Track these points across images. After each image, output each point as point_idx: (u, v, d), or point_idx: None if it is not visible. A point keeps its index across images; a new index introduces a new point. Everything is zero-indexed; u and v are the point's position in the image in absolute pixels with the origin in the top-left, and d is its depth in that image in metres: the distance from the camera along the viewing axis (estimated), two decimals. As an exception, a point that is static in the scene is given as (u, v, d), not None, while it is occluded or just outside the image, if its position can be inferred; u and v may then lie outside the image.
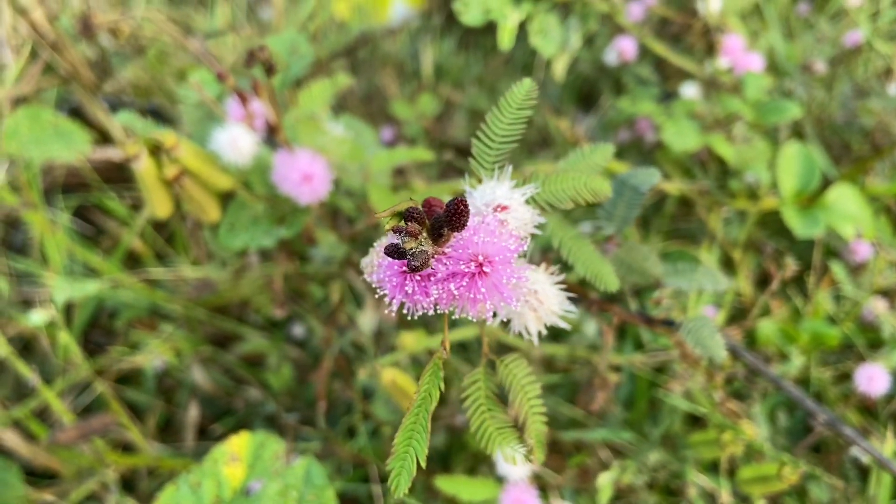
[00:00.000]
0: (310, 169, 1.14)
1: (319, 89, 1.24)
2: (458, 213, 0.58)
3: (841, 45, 2.08)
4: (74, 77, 1.83)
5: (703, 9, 1.73)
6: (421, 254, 0.59)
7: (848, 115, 2.07)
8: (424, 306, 0.64)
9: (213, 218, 1.26)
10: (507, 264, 0.62)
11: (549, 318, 0.75)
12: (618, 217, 0.95)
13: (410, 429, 0.64)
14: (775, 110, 1.68)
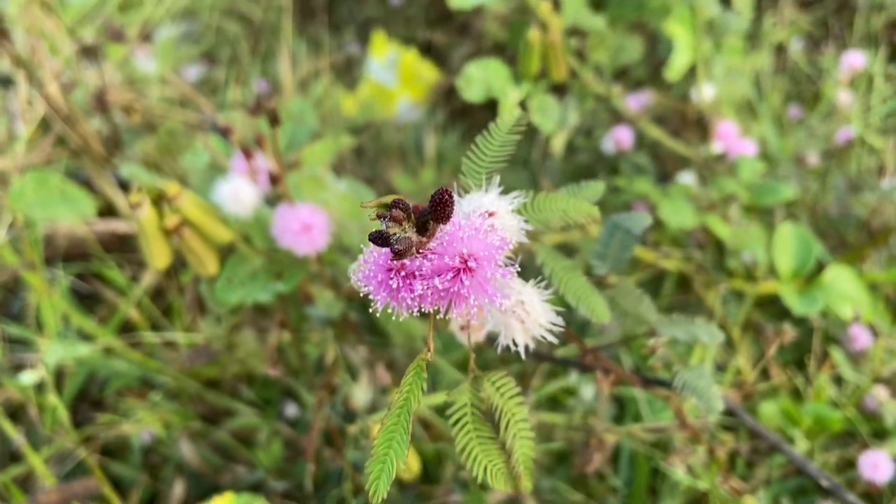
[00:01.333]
0: (310, 219, 1.16)
1: (323, 147, 1.27)
2: (443, 203, 0.58)
3: (833, 140, 2.14)
4: (85, 150, 1.89)
5: (696, 96, 1.80)
6: (404, 240, 0.59)
7: (842, 209, 2.10)
8: (409, 304, 0.64)
9: (212, 271, 1.26)
10: (493, 261, 0.62)
11: (536, 331, 0.74)
12: (610, 258, 0.95)
13: (391, 430, 0.62)
14: (770, 192, 1.72)
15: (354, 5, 3.11)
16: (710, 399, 0.95)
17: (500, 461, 0.71)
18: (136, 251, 1.98)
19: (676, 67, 1.84)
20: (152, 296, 1.91)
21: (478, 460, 0.70)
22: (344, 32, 3.03)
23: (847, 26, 2.56)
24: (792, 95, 2.48)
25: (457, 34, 2.89)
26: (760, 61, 2.27)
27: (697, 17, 1.79)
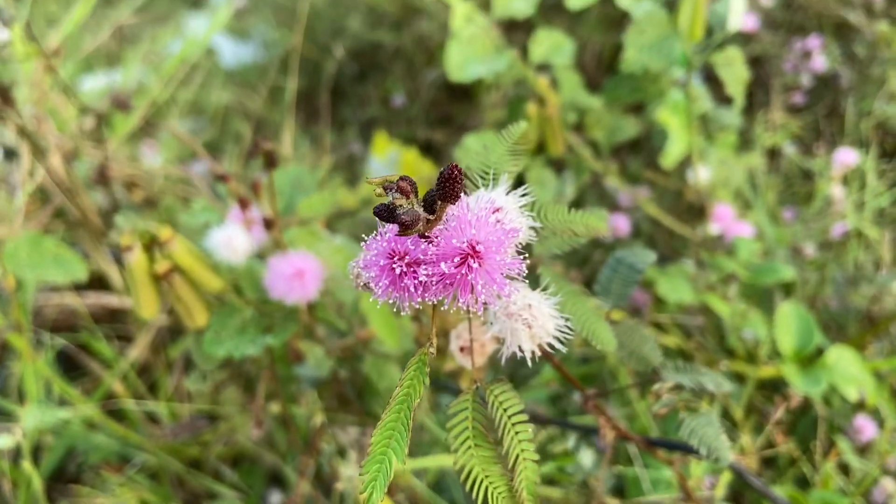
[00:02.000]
0: (303, 265, 1.14)
1: (320, 200, 1.27)
2: (452, 180, 0.56)
3: (829, 233, 2.15)
4: (83, 223, 1.89)
5: (692, 178, 1.82)
6: (411, 212, 0.56)
7: (841, 302, 2.08)
8: (411, 293, 0.60)
9: (200, 323, 1.23)
10: (502, 248, 0.59)
11: (544, 337, 0.71)
12: (614, 293, 0.93)
13: (390, 428, 0.57)
14: (769, 272, 1.71)
15: (357, 106, 3.21)
16: (718, 448, 0.90)
17: (503, 484, 0.66)
18: (126, 322, 1.94)
19: (671, 156, 1.88)
20: (139, 371, 1.85)
21: (479, 481, 0.64)
22: (347, 131, 3.11)
23: (837, 131, 2.63)
24: (786, 196, 2.52)
25: (456, 133, 2.97)
26: (753, 161, 2.32)
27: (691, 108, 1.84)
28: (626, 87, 1.74)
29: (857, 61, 2.68)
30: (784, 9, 2.89)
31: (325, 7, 3.23)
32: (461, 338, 0.78)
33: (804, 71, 2.65)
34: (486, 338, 0.77)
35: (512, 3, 1.60)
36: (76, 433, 1.59)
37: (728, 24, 1.71)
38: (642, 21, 1.62)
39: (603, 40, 2.59)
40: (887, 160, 2.37)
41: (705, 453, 0.89)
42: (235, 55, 3.59)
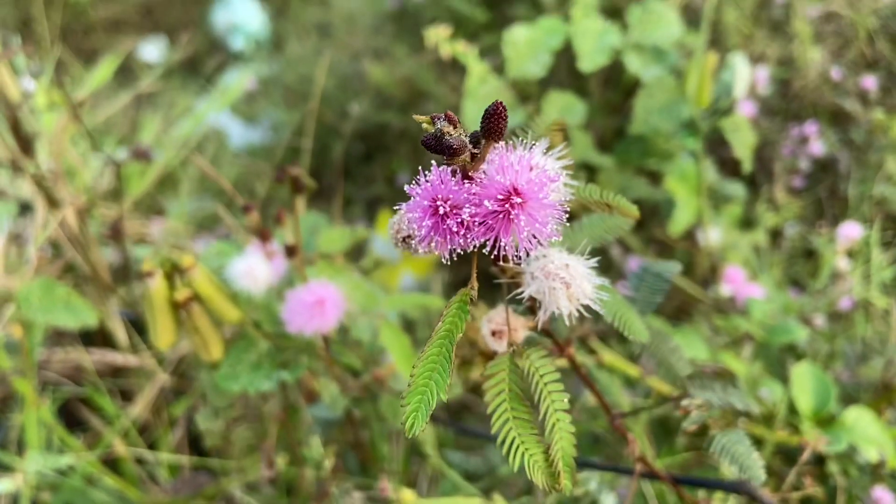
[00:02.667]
0: (323, 293, 1.13)
1: (339, 235, 1.27)
2: (497, 116, 0.57)
3: (836, 304, 2.15)
4: (92, 279, 1.88)
5: (703, 239, 1.83)
6: (458, 139, 0.57)
7: (853, 376, 2.06)
8: (453, 235, 0.60)
9: (215, 356, 1.20)
10: (543, 190, 0.59)
11: (581, 298, 0.69)
12: (640, 301, 0.92)
13: (433, 361, 0.57)
14: (783, 331, 1.70)
15: (363, 185, 3.26)
16: (751, 467, 0.88)
17: (539, 452, 0.63)
18: (129, 377, 1.90)
19: (679, 223, 1.90)
20: (140, 428, 1.80)
21: (516, 447, 0.62)
22: (352, 209, 3.15)
23: (840, 211, 2.68)
24: (790, 273, 2.53)
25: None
26: (758, 237, 2.35)
27: (699, 170, 1.87)
28: (637, 148, 1.78)
29: (855, 147, 2.75)
30: (780, 97, 2.99)
31: (334, 90, 3.33)
32: (493, 321, 0.77)
33: (802, 155, 2.71)
34: (518, 323, 0.75)
35: (525, 66, 1.66)
36: (74, 488, 1.53)
37: (734, 92, 1.77)
38: (652, 86, 1.68)
39: (614, 101, 2.66)
40: (891, 234, 2.40)
41: (737, 471, 0.87)
42: (244, 137, 3.67)
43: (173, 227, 2.39)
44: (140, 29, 5.12)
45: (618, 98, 2.64)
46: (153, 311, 1.15)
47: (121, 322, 1.90)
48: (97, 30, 5.01)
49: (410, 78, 3.09)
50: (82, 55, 4.38)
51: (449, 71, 3.05)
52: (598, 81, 2.63)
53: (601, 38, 1.63)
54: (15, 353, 1.60)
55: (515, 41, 1.68)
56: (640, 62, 1.64)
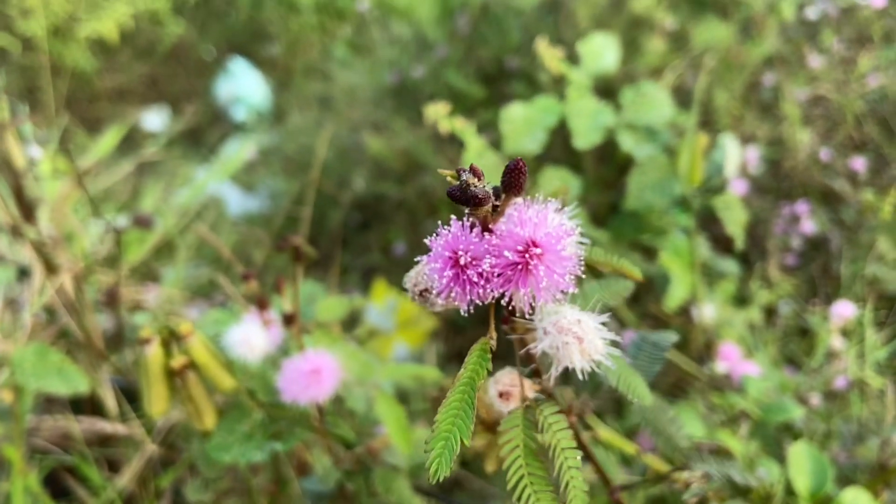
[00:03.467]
0: (320, 362, 1.12)
1: (337, 303, 1.27)
2: (518, 171, 0.59)
3: (832, 384, 2.14)
4: (85, 345, 1.87)
5: (697, 315, 1.84)
6: (483, 189, 0.59)
7: (849, 456, 2.05)
8: (473, 286, 0.63)
9: (208, 425, 1.19)
10: (562, 242, 0.62)
11: (594, 353, 0.70)
12: (639, 370, 0.92)
13: (456, 406, 0.58)
14: (780, 410, 1.69)
15: (359, 254, 3.28)
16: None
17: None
18: (117, 446, 1.87)
19: (674, 298, 1.92)
20: (125, 500, 1.76)
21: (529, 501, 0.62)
22: (348, 278, 3.16)
23: (833, 290, 2.69)
24: (784, 351, 2.53)
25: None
26: (752, 315, 2.36)
27: (693, 246, 1.90)
28: (631, 223, 1.81)
29: (845, 226, 2.79)
30: (771, 177, 3.05)
31: (334, 160, 3.39)
32: (499, 383, 0.77)
33: (794, 234, 2.75)
34: (525, 385, 0.76)
35: (521, 142, 1.70)
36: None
37: (724, 171, 1.81)
38: (645, 163, 1.72)
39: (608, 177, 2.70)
40: (885, 314, 2.41)
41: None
42: (242, 205, 3.71)
43: (168, 294, 2.39)
44: (144, 99, 5.23)
45: (611, 174, 2.69)
46: (148, 379, 1.14)
47: (111, 390, 1.88)
48: (102, 99, 5.11)
49: (408, 150, 3.15)
50: (86, 123, 4.47)
51: (446, 144, 3.11)
52: (593, 158, 2.68)
53: (595, 117, 1.68)
54: (4, 419, 1.58)
55: (512, 118, 1.73)
56: (634, 141, 1.69)
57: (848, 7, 3.02)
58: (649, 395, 0.77)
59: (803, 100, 2.95)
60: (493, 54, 3.12)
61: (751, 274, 2.54)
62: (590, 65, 1.78)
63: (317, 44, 5.16)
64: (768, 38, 3.04)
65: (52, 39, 4.62)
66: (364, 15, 4.15)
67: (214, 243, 1.57)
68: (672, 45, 3.07)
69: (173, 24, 5.15)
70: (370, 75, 3.72)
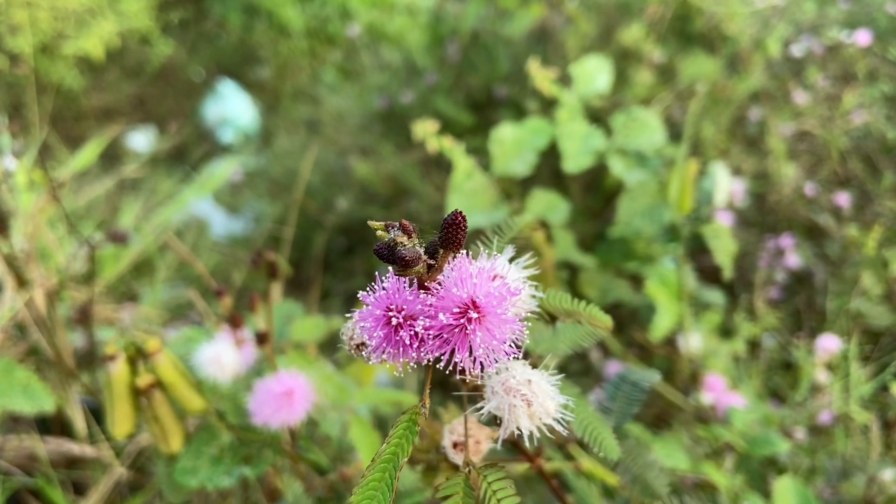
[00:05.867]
0: (293, 384, 1.08)
1: (313, 324, 1.23)
2: (456, 226, 0.54)
3: (816, 418, 2.12)
4: (55, 363, 1.81)
5: (683, 345, 1.81)
6: (413, 250, 0.55)
7: (834, 492, 2.01)
8: (406, 348, 0.57)
9: (174, 448, 1.14)
10: (504, 305, 0.56)
11: (543, 417, 0.65)
12: (616, 412, 0.89)
13: (373, 487, 0.52)
14: (765, 443, 1.66)
15: (343, 278, 3.24)
16: None
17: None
18: (84, 469, 1.80)
19: (659, 328, 1.89)
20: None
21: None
22: (331, 302, 3.11)
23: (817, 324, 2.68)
24: (769, 385, 2.51)
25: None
26: (737, 347, 2.33)
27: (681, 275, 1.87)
28: (618, 250, 1.78)
29: (829, 261, 2.78)
30: (756, 210, 3.05)
31: (320, 184, 3.36)
32: (455, 433, 0.72)
33: (779, 267, 2.73)
34: (482, 434, 0.72)
35: (510, 164, 1.68)
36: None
37: (714, 200, 1.79)
38: (635, 189, 1.70)
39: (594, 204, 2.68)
40: (870, 348, 2.39)
41: None
42: (226, 227, 3.66)
43: (145, 312, 2.34)
44: (131, 118, 5.19)
45: (598, 204, 2.67)
46: (112, 397, 1.09)
47: (80, 410, 1.82)
48: (88, 117, 5.07)
49: (395, 175, 3.13)
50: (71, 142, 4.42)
51: (433, 169, 3.09)
52: (579, 187, 2.67)
53: (586, 140, 1.66)
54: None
55: (502, 139, 1.70)
56: (624, 166, 1.67)
57: (833, 45, 3.04)
58: (617, 449, 0.73)
59: (788, 135, 2.96)
60: (482, 82, 3.12)
61: (735, 306, 2.52)
62: (582, 87, 1.77)
63: (306, 68, 5.15)
64: (754, 73, 3.06)
65: (39, 56, 4.59)
66: (354, 40, 4.15)
67: (189, 259, 1.53)
68: (659, 78, 3.08)
69: (162, 45, 5.14)
70: (359, 100, 3.71)
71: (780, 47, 3.00)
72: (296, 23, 5.01)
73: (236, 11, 5.20)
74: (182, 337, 1.39)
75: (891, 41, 2.95)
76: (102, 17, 4.72)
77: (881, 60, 2.97)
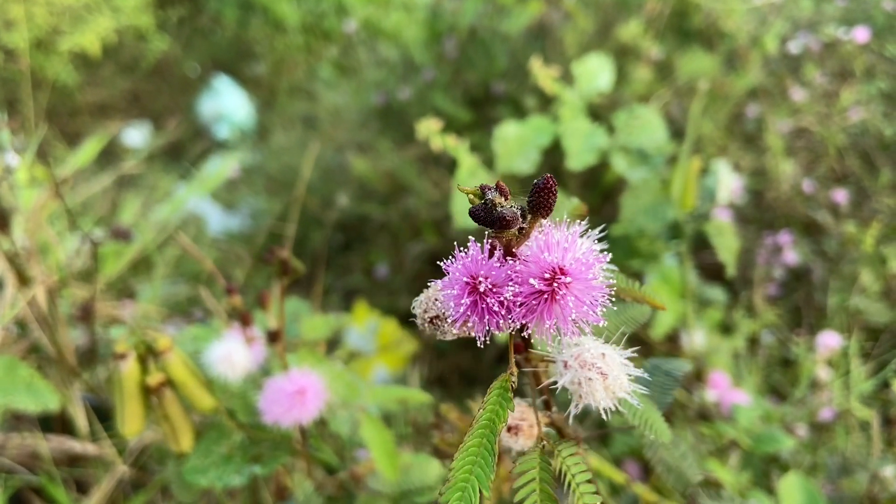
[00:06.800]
0: (305, 382, 1.08)
1: (323, 322, 1.23)
2: (547, 190, 0.54)
3: (817, 415, 2.12)
4: (57, 361, 1.80)
5: (687, 342, 1.82)
6: (511, 210, 0.54)
7: (835, 489, 2.02)
8: (493, 315, 0.57)
9: (185, 447, 1.14)
10: (590, 271, 0.56)
11: (618, 391, 0.65)
12: (651, 400, 0.89)
13: (473, 453, 0.52)
14: (770, 440, 1.66)
15: (341, 275, 3.23)
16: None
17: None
18: (87, 467, 1.79)
19: (661, 327, 1.89)
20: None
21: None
22: (329, 299, 3.10)
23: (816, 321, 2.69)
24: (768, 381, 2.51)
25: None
26: (737, 343, 2.34)
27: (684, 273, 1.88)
28: (621, 248, 1.78)
29: (828, 258, 2.79)
30: (754, 207, 3.05)
31: (318, 180, 3.35)
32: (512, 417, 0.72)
33: (777, 264, 2.74)
34: (532, 417, 0.71)
35: (514, 162, 1.67)
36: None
37: (717, 197, 1.80)
38: (638, 187, 1.70)
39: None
40: (871, 344, 2.40)
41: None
42: (223, 223, 3.65)
43: (145, 310, 2.33)
44: (126, 114, 5.17)
45: (596, 201, 2.67)
46: (122, 396, 1.09)
47: (83, 407, 1.82)
48: (83, 113, 5.04)
49: (393, 172, 3.12)
50: (66, 137, 4.39)
51: (431, 166, 3.09)
52: (577, 184, 2.67)
53: (589, 138, 1.66)
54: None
55: (505, 137, 1.70)
56: (627, 163, 1.67)
57: (830, 42, 3.05)
58: (667, 432, 0.73)
59: (786, 132, 2.97)
60: (480, 79, 3.11)
61: (735, 303, 2.53)
62: (584, 85, 1.77)
63: (302, 64, 5.14)
64: (752, 70, 3.06)
65: (35, 52, 4.56)
66: (351, 36, 4.14)
67: (196, 256, 1.52)
68: (658, 75, 3.08)
69: (158, 40, 5.11)
70: (356, 96, 3.69)
71: (777, 44, 3.00)
72: (291, 18, 4.99)
73: (232, 7, 5.17)
74: (188, 335, 1.38)
75: (888, 38, 2.96)
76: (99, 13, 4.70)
77: (878, 57, 2.98)
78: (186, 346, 1.38)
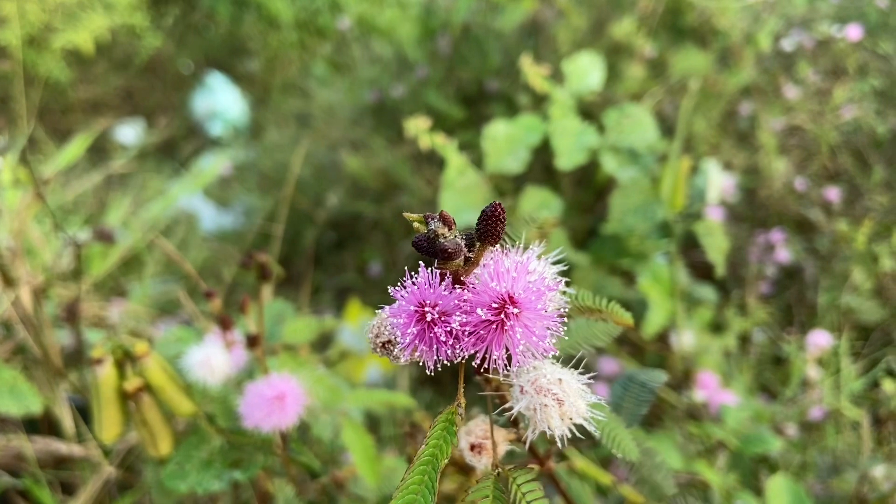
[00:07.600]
0: (284, 387, 1.07)
1: (305, 324, 1.22)
2: (495, 218, 0.53)
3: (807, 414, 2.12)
4: (42, 362, 1.79)
5: (676, 342, 1.81)
6: (454, 241, 0.53)
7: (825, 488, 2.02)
8: (440, 345, 0.55)
9: (163, 452, 1.13)
10: (542, 299, 0.55)
11: (574, 417, 0.64)
12: (625, 412, 0.88)
13: (413, 490, 0.50)
14: (758, 441, 1.66)
15: (333, 273, 3.22)
16: None
17: None
18: (73, 469, 1.78)
19: (652, 325, 1.88)
20: (78, 526, 1.68)
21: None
22: (321, 297, 3.09)
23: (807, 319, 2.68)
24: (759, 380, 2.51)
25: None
26: (728, 342, 2.33)
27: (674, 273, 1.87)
28: (611, 247, 1.78)
29: (820, 256, 2.79)
30: (747, 205, 3.05)
31: (310, 178, 3.34)
32: (472, 434, 0.71)
33: (769, 262, 2.73)
34: (499, 436, 0.70)
35: (503, 161, 1.66)
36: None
37: (707, 196, 1.79)
38: (627, 186, 1.69)
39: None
40: (861, 343, 2.40)
41: None
42: (215, 221, 3.63)
43: (134, 310, 2.31)
44: (119, 112, 5.14)
45: (589, 198, 2.67)
46: (99, 401, 1.08)
47: (68, 409, 1.81)
48: (76, 110, 5.02)
49: (386, 170, 3.11)
50: (59, 135, 4.38)
51: (424, 164, 3.07)
52: (571, 182, 2.66)
53: (579, 137, 1.65)
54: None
55: (495, 136, 1.69)
56: (617, 163, 1.66)
57: (823, 39, 3.04)
58: (635, 450, 0.72)
59: (779, 129, 2.96)
60: (474, 76, 3.10)
61: (726, 301, 2.52)
62: (574, 84, 1.75)
63: (296, 61, 5.12)
64: (745, 67, 3.05)
65: (27, 49, 4.53)
66: (345, 33, 4.12)
67: (177, 259, 1.51)
68: (651, 72, 3.07)
69: (151, 37, 5.09)
70: (349, 94, 3.68)
71: (770, 42, 2.99)
72: (285, 15, 4.97)
73: (225, 3, 5.15)
74: (172, 336, 1.37)
75: (881, 36, 2.95)
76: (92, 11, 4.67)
77: (871, 55, 2.97)
78: (170, 347, 1.36)
